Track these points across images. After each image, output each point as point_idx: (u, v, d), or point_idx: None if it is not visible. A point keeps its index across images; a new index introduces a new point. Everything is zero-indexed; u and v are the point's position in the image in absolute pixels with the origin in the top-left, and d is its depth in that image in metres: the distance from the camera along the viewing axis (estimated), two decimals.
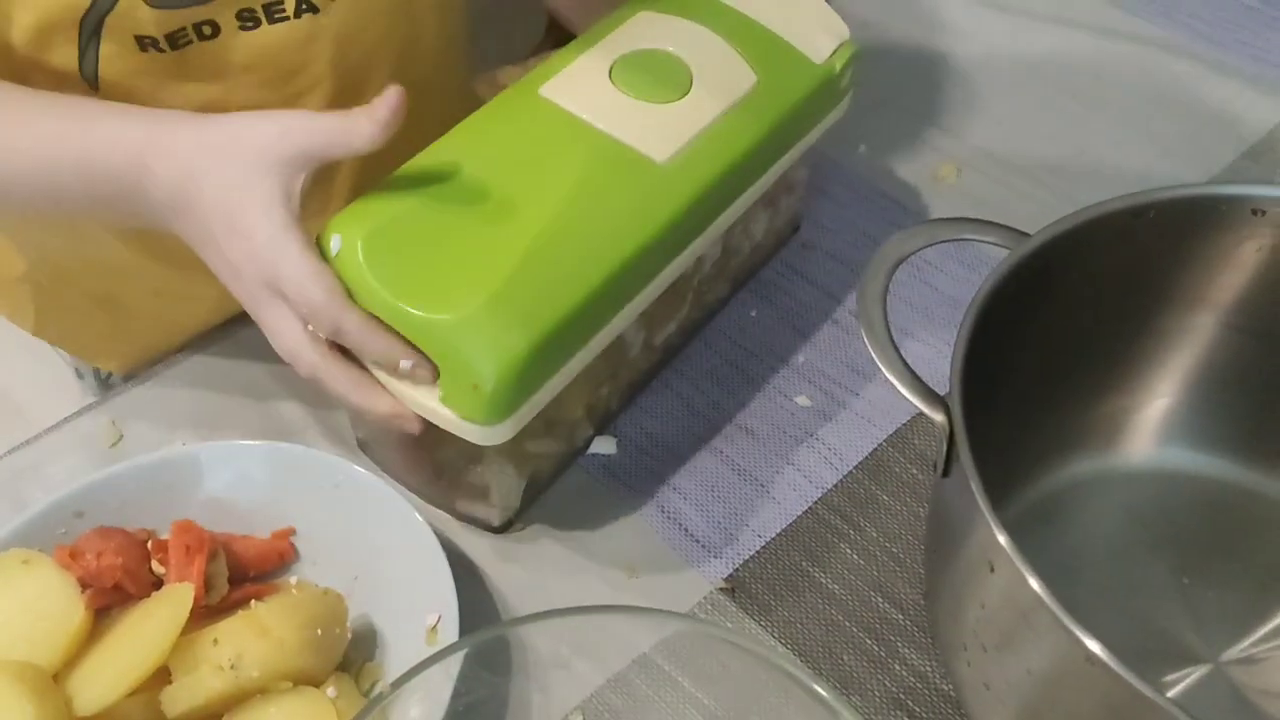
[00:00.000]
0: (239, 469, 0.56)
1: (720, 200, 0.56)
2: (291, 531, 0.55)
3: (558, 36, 0.74)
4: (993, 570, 0.39)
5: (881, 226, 0.73)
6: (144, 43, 0.54)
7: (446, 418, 0.49)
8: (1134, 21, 0.87)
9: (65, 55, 0.53)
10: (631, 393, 0.64)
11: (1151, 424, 0.54)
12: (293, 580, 0.54)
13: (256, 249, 0.47)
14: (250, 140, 0.47)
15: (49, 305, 0.70)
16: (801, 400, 0.64)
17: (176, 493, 0.55)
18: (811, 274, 0.71)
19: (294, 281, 0.46)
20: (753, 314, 0.68)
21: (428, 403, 0.49)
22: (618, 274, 0.51)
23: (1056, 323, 0.49)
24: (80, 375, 0.77)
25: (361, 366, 0.50)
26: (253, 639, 0.47)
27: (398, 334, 0.48)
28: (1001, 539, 0.38)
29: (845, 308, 0.69)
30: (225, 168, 0.47)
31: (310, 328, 0.48)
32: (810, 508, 0.59)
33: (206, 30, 0.54)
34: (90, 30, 0.53)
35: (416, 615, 0.51)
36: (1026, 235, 0.48)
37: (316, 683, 0.48)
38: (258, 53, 0.57)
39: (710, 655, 0.52)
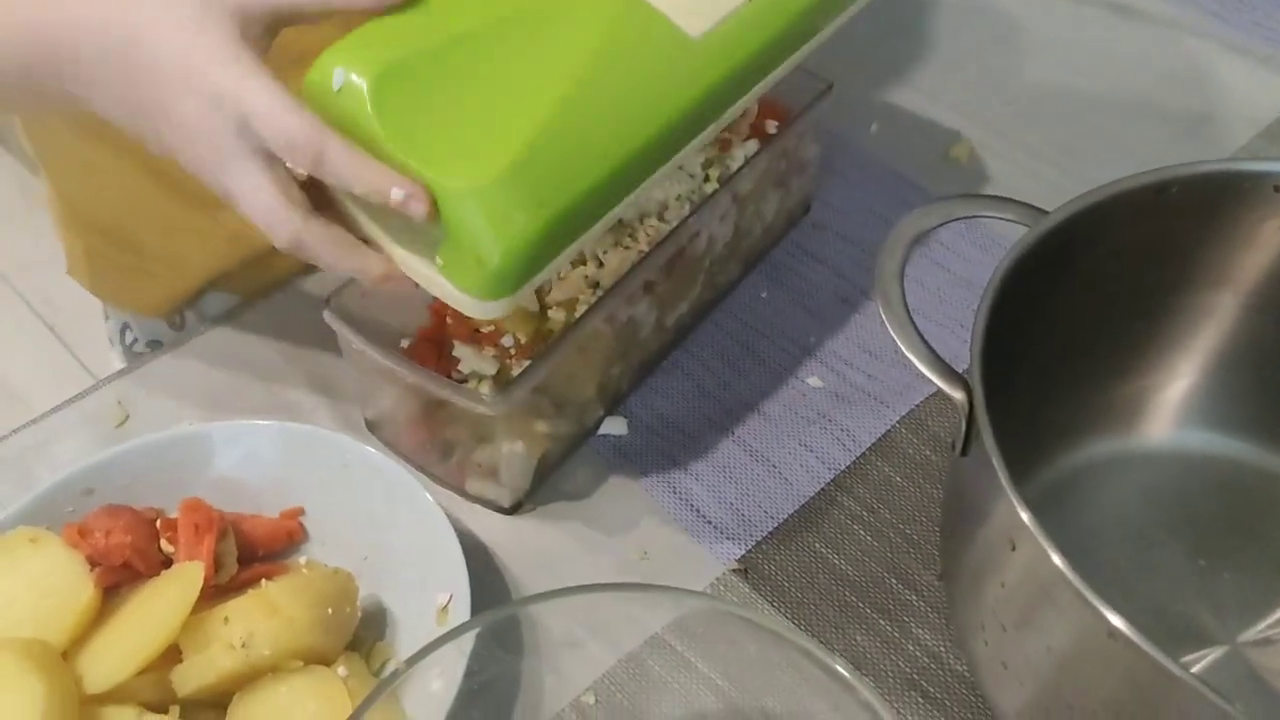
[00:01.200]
0: (248, 448, 0.55)
1: (747, 81, 0.52)
2: (301, 511, 0.55)
3: None
4: (1014, 548, 0.39)
5: (893, 207, 0.72)
6: None
7: (443, 287, 0.45)
8: (1146, 0, 0.87)
9: None
10: (642, 373, 0.64)
11: (1170, 405, 0.53)
12: (302, 560, 0.54)
13: (220, 90, 0.41)
14: None
15: (77, 245, 0.69)
16: (813, 381, 0.63)
17: (186, 471, 0.54)
18: (823, 255, 0.70)
19: (265, 109, 0.40)
20: (764, 295, 0.68)
21: (425, 271, 0.45)
22: (637, 156, 0.47)
23: (1076, 301, 0.49)
24: (111, 342, 0.76)
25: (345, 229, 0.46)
26: (263, 618, 0.46)
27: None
28: (1024, 516, 0.38)
29: (857, 288, 0.68)
30: (172, 14, 0.41)
31: (290, 169, 0.42)
32: (823, 489, 0.58)
33: None
34: None
35: (427, 595, 0.51)
36: (1045, 212, 0.48)
37: (327, 662, 0.48)
38: None
39: (723, 635, 0.51)
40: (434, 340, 0.59)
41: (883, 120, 0.78)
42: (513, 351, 0.57)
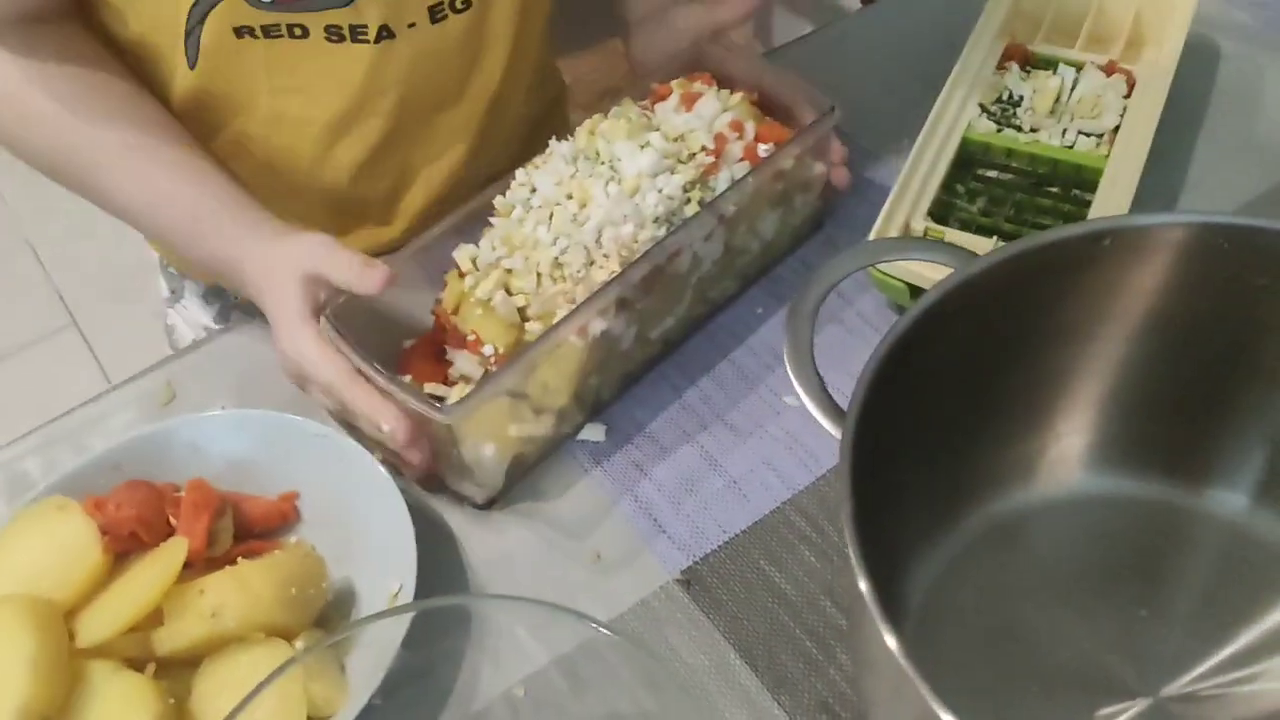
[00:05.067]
0: (255, 435, 0.62)
1: None
2: (296, 495, 0.61)
3: None
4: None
5: None
6: (240, 31, 0.63)
7: None
8: None
9: (173, 51, 0.64)
10: (626, 383, 0.67)
11: (1077, 452, 0.52)
12: (294, 539, 0.60)
13: (286, 343, 0.60)
14: (290, 256, 0.61)
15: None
16: (789, 400, 0.65)
17: (200, 452, 0.61)
18: None
19: (310, 363, 0.59)
20: (759, 311, 0.70)
21: None
22: None
23: (973, 353, 0.48)
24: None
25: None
26: (233, 592, 0.53)
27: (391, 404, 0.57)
28: (862, 585, 0.38)
29: (855, 309, 0.69)
30: (276, 278, 0.61)
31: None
32: (778, 507, 0.60)
33: (297, 31, 0.63)
34: (195, 20, 0.62)
35: (386, 582, 0.56)
36: (974, 255, 0.48)
37: (290, 636, 0.54)
38: (337, 65, 0.65)
39: (661, 644, 0.55)
40: (434, 344, 0.64)
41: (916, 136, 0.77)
42: (493, 360, 0.61)
